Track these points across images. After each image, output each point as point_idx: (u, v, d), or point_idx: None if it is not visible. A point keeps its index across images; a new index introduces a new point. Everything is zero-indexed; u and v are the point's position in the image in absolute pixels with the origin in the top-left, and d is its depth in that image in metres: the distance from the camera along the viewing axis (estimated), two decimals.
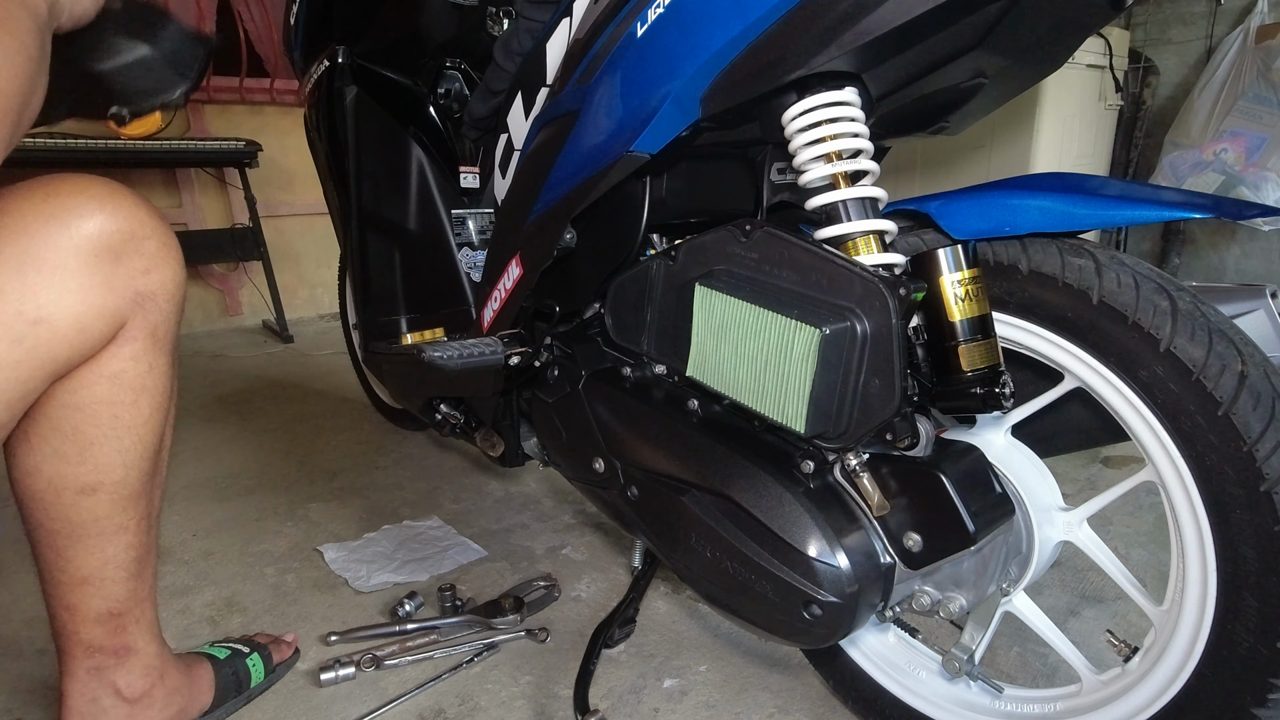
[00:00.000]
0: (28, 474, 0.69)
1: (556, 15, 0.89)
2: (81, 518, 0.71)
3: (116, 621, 0.76)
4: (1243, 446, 0.55)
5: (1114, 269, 0.61)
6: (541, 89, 0.93)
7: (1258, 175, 2.38)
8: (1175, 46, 2.79)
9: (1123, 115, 2.78)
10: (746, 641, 1.03)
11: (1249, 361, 0.56)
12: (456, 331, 1.30)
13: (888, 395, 0.60)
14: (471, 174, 1.34)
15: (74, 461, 0.69)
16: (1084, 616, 1.07)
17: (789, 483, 0.68)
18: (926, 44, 0.60)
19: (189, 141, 2.73)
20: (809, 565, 0.64)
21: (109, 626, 0.76)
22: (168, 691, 0.82)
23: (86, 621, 0.75)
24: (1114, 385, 0.62)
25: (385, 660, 0.98)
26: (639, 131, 0.71)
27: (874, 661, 0.84)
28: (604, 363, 0.91)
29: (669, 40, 0.68)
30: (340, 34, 1.27)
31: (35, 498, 0.70)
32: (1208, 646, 0.60)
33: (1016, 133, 2.36)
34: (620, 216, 0.83)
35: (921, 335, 0.65)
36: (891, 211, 0.72)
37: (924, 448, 0.66)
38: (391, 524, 1.36)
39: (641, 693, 0.94)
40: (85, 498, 0.70)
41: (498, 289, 0.99)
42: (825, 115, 0.65)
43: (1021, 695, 0.74)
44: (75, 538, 0.71)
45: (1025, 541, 0.71)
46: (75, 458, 0.69)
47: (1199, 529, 0.59)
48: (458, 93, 1.35)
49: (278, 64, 3.28)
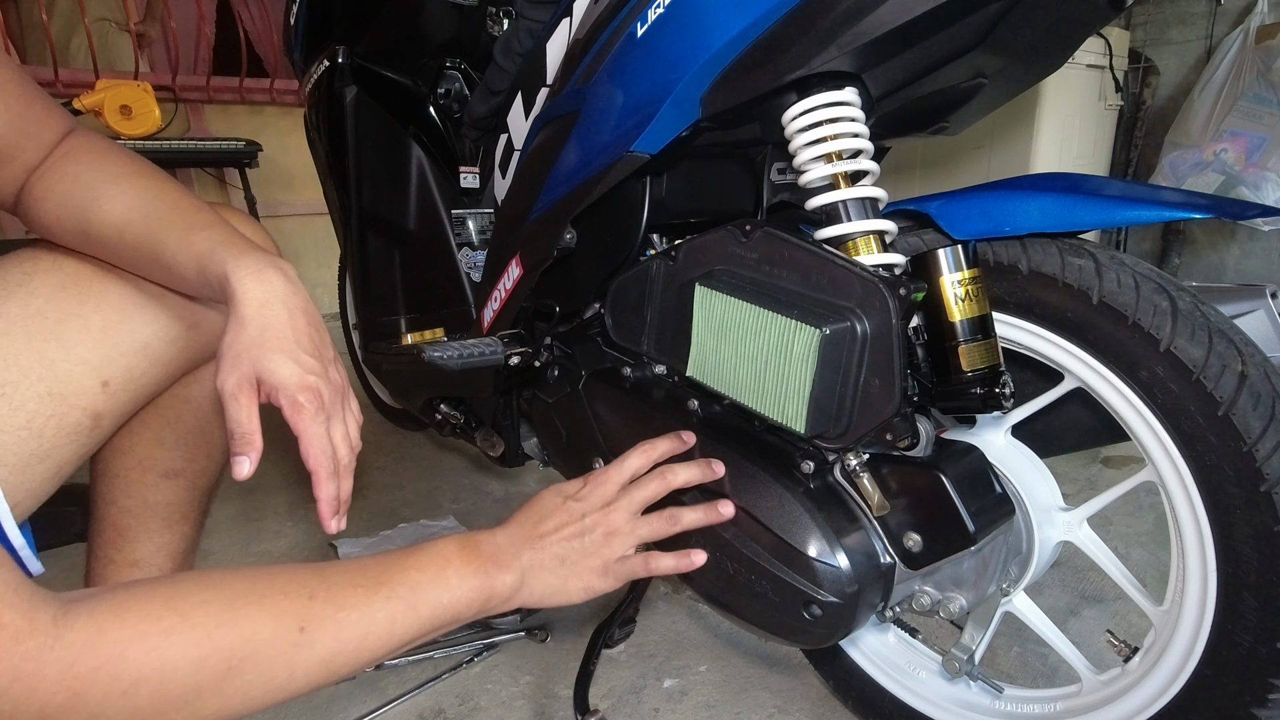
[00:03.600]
0: (120, 453, 0.75)
1: (556, 15, 0.89)
2: (157, 499, 0.77)
3: None
4: (1243, 446, 0.55)
5: (1114, 269, 0.61)
6: (541, 89, 0.93)
7: (1258, 175, 2.38)
8: (1175, 46, 2.79)
9: (1123, 115, 2.78)
10: (746, 641, 1.03)
11: (1249, 361, 0.56)
12: (456, 331, 1.30)
13: (888, 395, 0.60)
14: (471, 174, 1.34)
15: (169, 446, 0.76)
16: (1084, 616, 1.07)
17: (789, 483, 0.68)
18: (926, 44, 0.60)
19: (189, 141, 2.73)
20: (809, 565, 0.64)
21: None
22: None
23: None
24: (1114, 385, 0.62)
25: (385, 660, 0.98)
26: (639, 131, 0.71)
27: (874, 661, 0.84)
28: (604, 363, 0.91)
29: (669, 40, 0.68)
30: (340, 34, 1.27)
31: (119, 475, 0.75)
32: (1208, 646, 0.60)
33: (1016, 133, 2.36)
34: (620, 216, 0.83)
35: (921, 335, 0.65)
36: (891, 211, 0.72)
37: (924, 448, 0.66)
38: (408, 524, 1.37)
39: (641, 693, 0.94)
40: (167, 481, 0.77)
41: (498, 289, 0.99)
42: (825, 115, 0.64)
43: (1021, 695, 0.74)
44: (144, 519, 0.77)
45: (1025, 541, 0.71)
46: (171, 443, 0.76)
47: (1199, 529, 0.59)
48: (458, 93, 1.35)
49: (278, 64, 3.28)
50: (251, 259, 0.57)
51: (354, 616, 0.50)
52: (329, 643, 0.48)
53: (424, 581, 0.56)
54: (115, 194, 0.61)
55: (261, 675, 0.45)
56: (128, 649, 0.39)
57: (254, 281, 0.56)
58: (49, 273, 0.63)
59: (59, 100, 2.41)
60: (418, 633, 0.55)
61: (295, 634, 0.46)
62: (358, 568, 0.54)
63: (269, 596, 0.46)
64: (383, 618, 0.52)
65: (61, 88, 2.67)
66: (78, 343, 0.62)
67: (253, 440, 0.53)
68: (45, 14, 2.72)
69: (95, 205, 0.60)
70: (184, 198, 0.63)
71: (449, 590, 0.58)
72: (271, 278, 0.57)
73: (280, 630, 0.45)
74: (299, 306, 0.58)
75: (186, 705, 0.42)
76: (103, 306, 0.64)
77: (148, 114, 2.45)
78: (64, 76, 2.69)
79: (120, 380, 0.64)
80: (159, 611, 0.41)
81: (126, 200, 0.60)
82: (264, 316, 0.56)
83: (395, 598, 0.53)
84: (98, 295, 0.64)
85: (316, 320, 0.60)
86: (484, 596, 0.60)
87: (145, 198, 0.61)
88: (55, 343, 0.61)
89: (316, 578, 0.49)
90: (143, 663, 0.40)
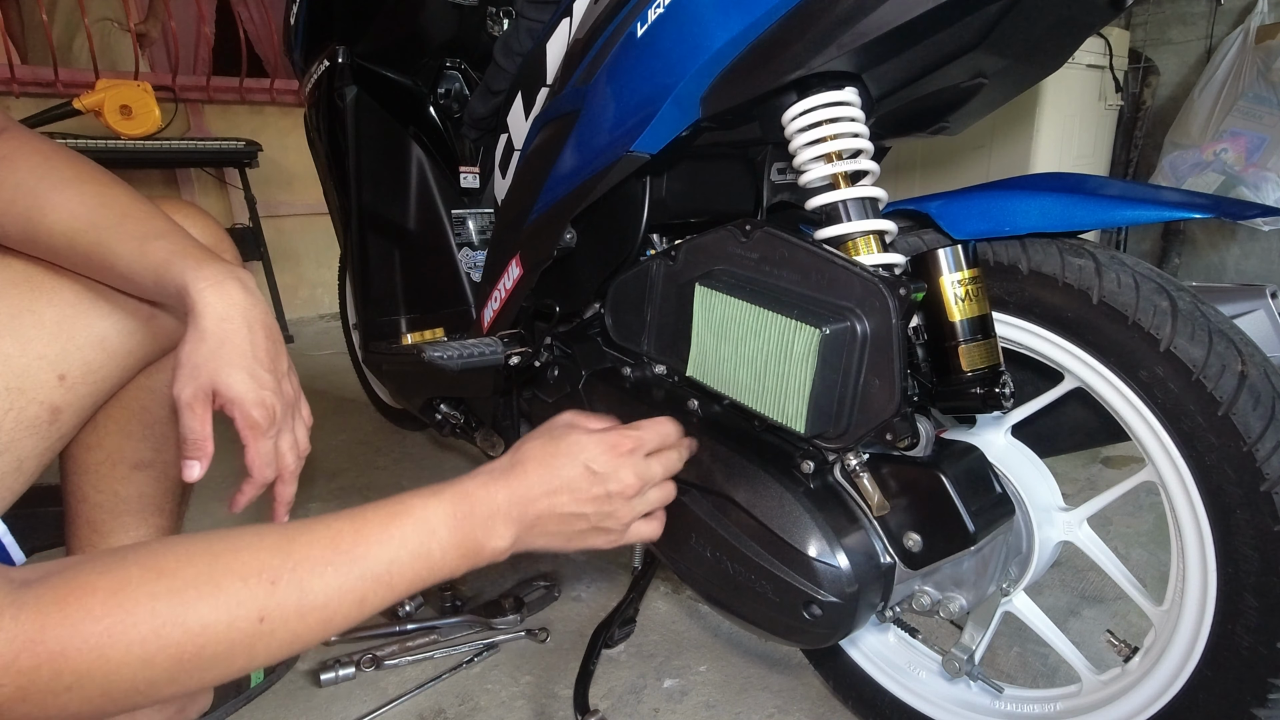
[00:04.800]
0: (88, 449, 0.75)
1: (556, 15, 0.89)
2: (129, 492, 0.77)
3: None
4: (1243, 446, 0.55)
5: (1114, 269, 0.61)
6: (541, 89, 0.93)
7: (1258, 175, 2.38)
8: (1175, 46, 2.79)
9: (1123, 115, 2.78)
10: (746, 641, 1.03)
11: (1249, 361, 0.56)
12: (456, 331, 1.30)
13: (888, 395, 0.60)
14: (471, 174, 1.34)
15: (136, 438, 0.76)
16: (1084, 616, 1.06)
17: (789, 483, 0.68)
18: (926, 44, 0.60)
19: (189, 141, 2.73)
20: (809, 565, 0.64)
21: None
22: None
23: None
24: (1114, 385, 0.62)
25: (385, 660, 0.98)
26: (639, 131, 0.71)
27: (874, 661, 0.84)
28: (604, 363, 0.91)
29: (669, 40, 0.68)
30: (340, 34, 1.27)
31: (90, 470, 0.76)
32: (1208, 646, 0.60)
33: (1016, 133, 2.36)
34: (620, 216, 0.83)
35: (921, 335, 0.65)
36: (891, 211, 0.72)
37: (924, 448, 0.66)
38: None
39: (641, 693, 0.94)
40: (137, 472, 0.77)
41: (498, 289, 0.99)
42: (825, 115, 0.64)
43: (1021, 695, 0.74)
44: (117, 513, 0.77)
45: (1025, 541, 0.71)
46: (138, 434, 0.76)
47: (1199, 529, 0.59)
48: (458, 93, 1.35)
49: (278, 64, 3.28)
50: (210, 269, 0.58)
51: (320, 599, 0.47)
52: (291, 628, 0.46)
53: (404, 557, 0.53)
54: (61, 201, 0.60)
55: (217, 664, 0.43)
56: (67, 647, 0.38)
57: (214, 294, 0.57)
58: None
59: (59, 100, 2.42)
60: (390, 604, 0.53)
61: (254, 625, 0.44)
62: (329, 539, 0.50)
63: (226, 584, 0.43)
64: (352, 597, 0.49)
65: (61, 88, 2.68)
66: (33, 338, 0.62)
67: (204, 448, 0.56)
68: (46, 15, 2.73)
69: (40, 214, 0.59)
70: (134, 203, 0.62)
71: (430, 563, 0.54)
72: (231, 289, 0.58)
73: (236, 622, 0.43)
74: (258, 320, 0.59)
75: (139, 694, 0.41)
76: (56, 301, 0.64)
77: (148, 114, 2.45)
78: (64, 76, 2.69)
79: (78, 374, 0.65)
80: (101, 608, 0.39)
81: (72, 208, 0.60)
82: (223, 330, 0.57)
83: (368, 576, 0.50)
84: (51, 290, 0.64)
85: (274, 334, 0.62)
86: (469, 564, 0.57)
87: (92, 205, 0.60)
88: (9, 338, 0.61)
89: (280, 557, 0.46)
90: (84, 662, 0.39)
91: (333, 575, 0.48)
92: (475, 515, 0.58)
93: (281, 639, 0.46)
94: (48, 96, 2.66)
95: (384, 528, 0.53)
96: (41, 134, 0.66)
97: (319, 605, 0.48)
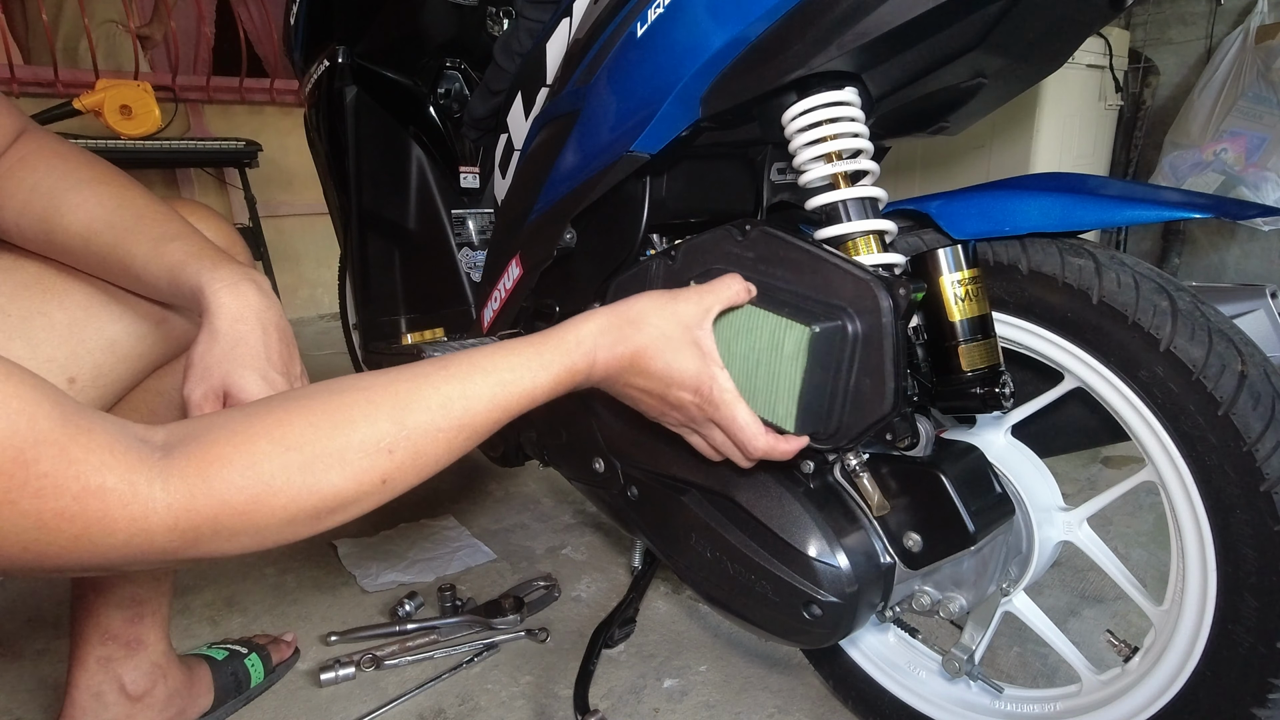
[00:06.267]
0: None
1: (556, 15, 0.89)
2: None
3: (136, 610, 0.80)
4: (1243, 446, 0.55)
5: (1114, 269, 0.61)
6: (541, 89, 0.93)
7: (1258, 175, 2.38)
8: (1175, 46, 2.79)
9: (1123, 115, 2.78)
10: (746, 641, 1.03)
11: (1249, 361, 0.56)
12: (456, 331, 1.30)
13: (879, 396, 0.60)
14: (471, 174, 1.34)
15: None
16: (1084, 616, 1.07)
17: (789, 483, 0.68)
18: (926, 44, 0.60)
19: (189, 141, 2.73)
20: (809, 565, 0.64)
21: (129, 614, 0.79)
22: (168, 693, 0.83)
23: (109, 604, 0.78)
24: (1114, 385, 0.62)
25: (385, 660, 0.99)
26: (639, 131, 0.71)
27: (874, 661, 0.84)
28: None
29: (669, 40, 0.68)
30: (340, 34, 1.27)
31: None
32: (1208, 646, 0.60)
33: (1016, 133, 2.36)
34: (620, 216, 0.83)
35: (921, 335, 0.65)
36: (891, 211, 0.72)
37: (924, 448, 0.66)
38: (408, 522, 1.37)
39: (641, 693, 0.94)
40: None
41: (498, 289, 0.99)
42: (825, 115, 0.64)
43: (1021, 695, 0.74)
44: None
45: (1025, 541, 0.71)
46: None
47: (1199, 529, 0.59)
48: (458, 93, 1.35)
49: (278, 64, 3.28)
50: (226, 271, 0.58)
51: (433, 458, 0.51)
52: (408, 480, 0.51)
53: (511, 397, 0.55)
54: (78, 202, 0.60)
55: (349, 511, 0.48)
56: (219, 512, 0.42)
57: (229, 295, 0.57)
58: (11, 272, 0.63)
59: (59, 100, 2.42)
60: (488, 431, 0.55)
61: (378, 486, 0.48)
62: (442, 405, 0.52)
63: (348, 456, 0.46)
64: (462, 448, 0.53)
65: (61, 88, 2.68)
66: (43, 341, 0.62)
67: None
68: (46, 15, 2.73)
69: (57, 215, 0.60)
70: (150, 204, 0.62)
71: (527, 398, 0.56)
72: (246, 291, 0.58)
73: (363, 485, 0.47)
74: (272, 322, 0.59)
75: (288, 535, 0.46)
76: (67, 304, 0.64)
77: (148, 114, 2.45)
78: (64, 76, 2.69)
79: (88, 377, 0.65)
80: (240, 479, 0.43)
81: (90, 209, 0.60)
82: (237, 331, 0.57)
83: (479, 431, 0.54)
84: (62, 293, 0.64)
85: (288, 336, 0.62)
86: (560, 393, 0.59)
87: (109, 206, 0.61)
88: (20, 341, 0.61)
89: (396, 426, 0.49)
90: (236, 521, 0.43)
91: (444, 441, 0.52)
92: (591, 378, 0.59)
93: (402, 487, 0.51)
94: (48, 96, 2.67)
95: (492, 400, 0.55)
96: (59, 135, 0.66)
97: (431, 464, 0.52)
